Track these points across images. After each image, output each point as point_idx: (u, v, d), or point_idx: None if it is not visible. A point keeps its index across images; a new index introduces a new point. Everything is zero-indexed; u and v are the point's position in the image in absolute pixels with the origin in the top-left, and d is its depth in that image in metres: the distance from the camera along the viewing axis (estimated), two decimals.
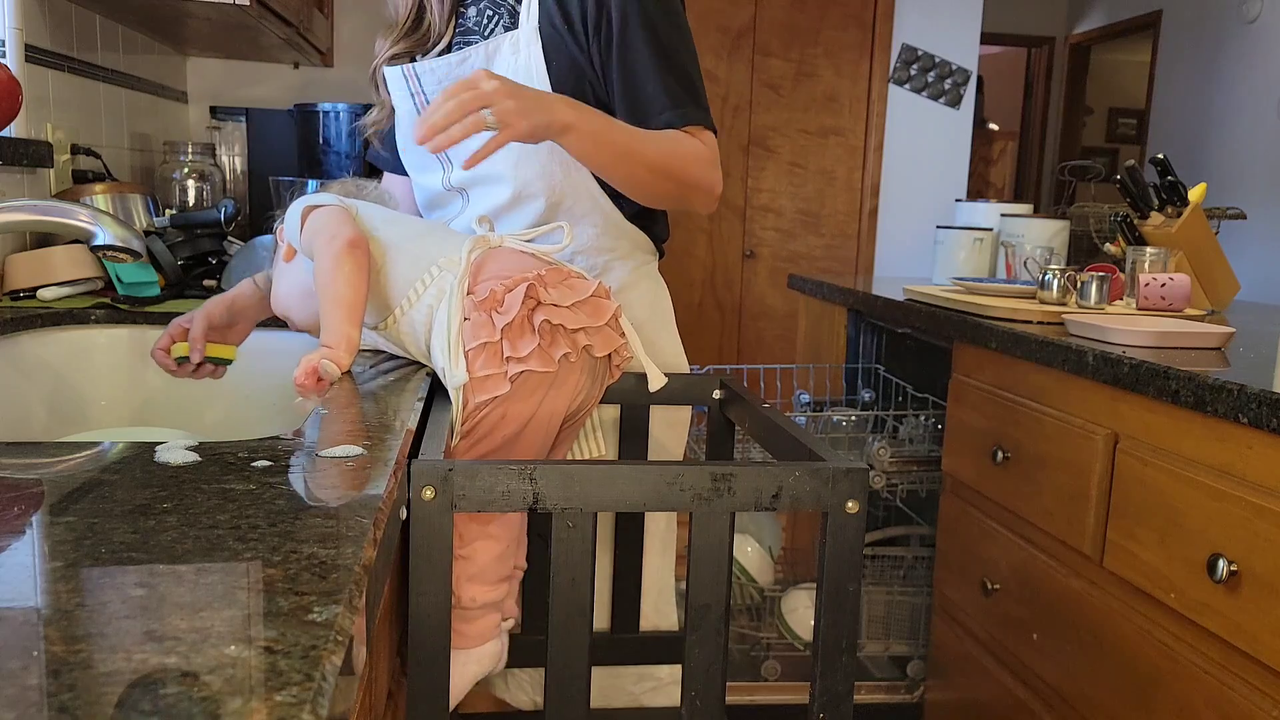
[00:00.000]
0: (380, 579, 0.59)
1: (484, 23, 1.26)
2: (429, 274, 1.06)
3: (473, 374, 0.99)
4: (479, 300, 1.01)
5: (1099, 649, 1.39)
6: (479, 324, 1.00)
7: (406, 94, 1.29)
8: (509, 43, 1.22)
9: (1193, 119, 4.92)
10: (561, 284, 1.04)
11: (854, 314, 2.37)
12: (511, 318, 0.99)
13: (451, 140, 1.00)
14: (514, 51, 1.22)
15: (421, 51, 1.29)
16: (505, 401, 1.00)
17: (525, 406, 1.02)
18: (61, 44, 1.85)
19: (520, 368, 0.99)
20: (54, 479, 0.64)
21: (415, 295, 1.06)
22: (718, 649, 0.87)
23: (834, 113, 3.82)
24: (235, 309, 1.23)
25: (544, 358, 1.00)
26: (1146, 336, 1.45)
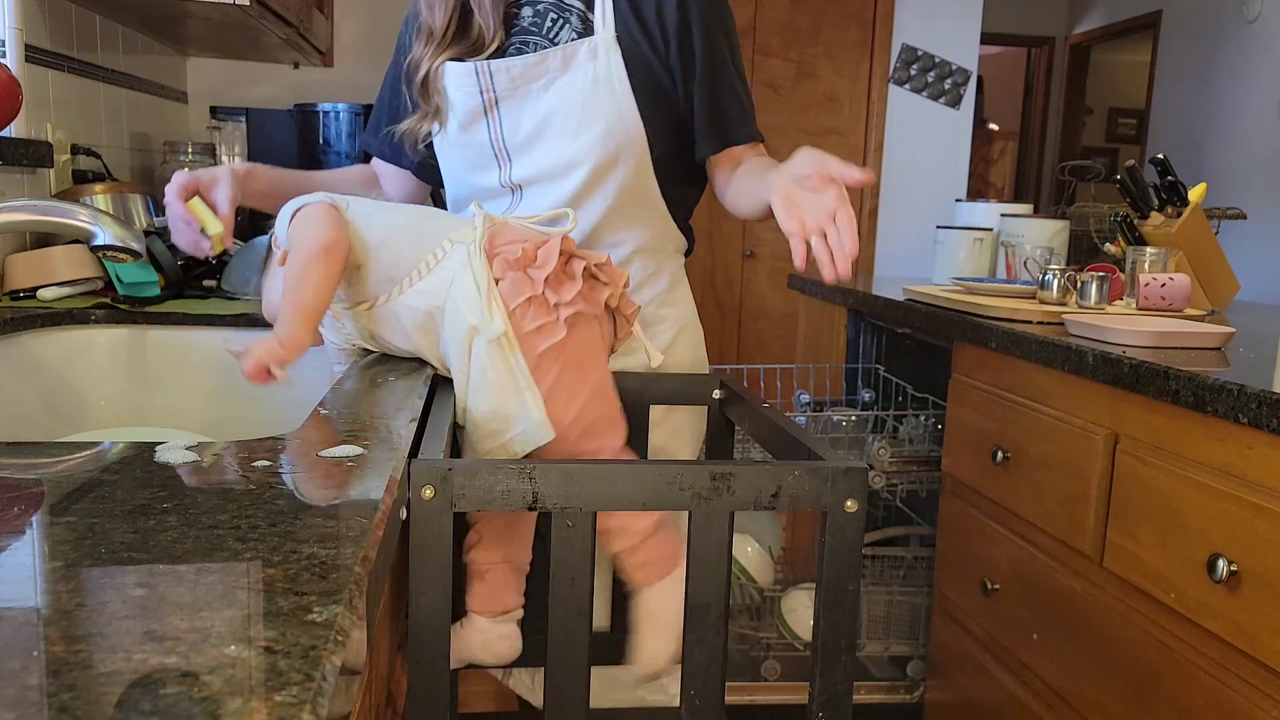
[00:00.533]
0: (380, 579, 0.59)
1: (547, 25, 1.26)
2: (440, 248, 1.06)
3: (521, 330, 1.00)
4: (512, 259, 1.02)
5: (1099, 649, 1.39)
6: (517, 281, 1.01)
7: (475, 91, 1.26)
8: (586, 48, 1.23)
9: (1193, 119, 4.92)
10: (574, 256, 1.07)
11: (854, 314, 2.37)
12: (550, 269, 1.01)
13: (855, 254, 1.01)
14: (591, 58, 1.23)
15: (470, 55, 1.27)
16: (573, 351, 1.02)
17: (588, 348, 1.04)
18: (61, 44, 1.85)
19: (571, 309, 1.01)
20: (54, 479, 0.64)
21: (426, 268, 1.05)
22: (717, 649, 0.87)
23: (834, 113, 3.82)
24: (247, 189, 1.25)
25: (590, 299, 1.03)
26: (1146, 336, 1.45)
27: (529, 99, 1.26)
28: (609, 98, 1.23)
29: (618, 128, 1.24)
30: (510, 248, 1.03)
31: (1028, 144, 6.39)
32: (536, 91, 1.25)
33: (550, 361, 1.01)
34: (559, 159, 1.26)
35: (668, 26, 1.24)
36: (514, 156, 1.29)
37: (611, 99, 1.23)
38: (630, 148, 1.25)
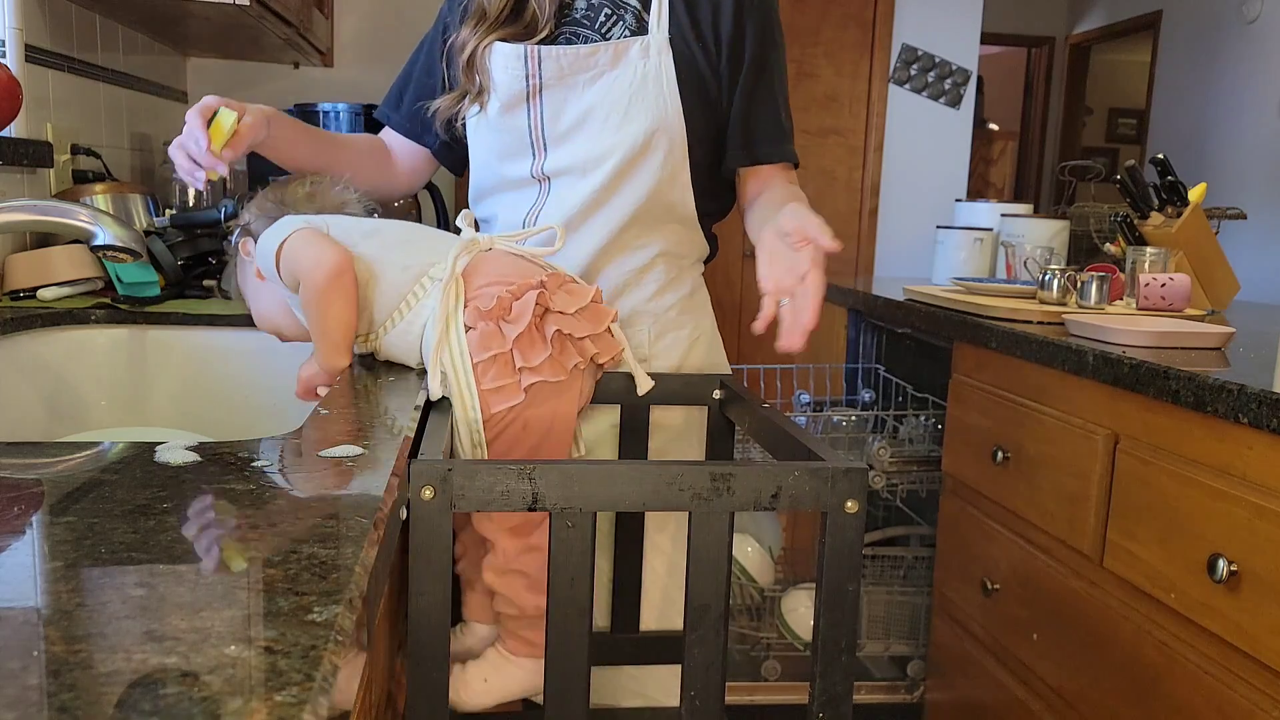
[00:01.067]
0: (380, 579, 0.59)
1: (600, 19, 1.25)
2: (420, 286, 1.04)
3: (483, 386, 0.99)
4: (485, 309, 1.00)
5: (1099, 649, 1.39)
6: (487, 334, 0.99)
7: (521, 75, 1.25)
8: (638, 47, 1.22)
9: (1193, 119, 4.92)
10: (561, 289, 1.05)
11: (854, 314, 2.37)
12: (522, 327, 0.99)
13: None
14: (643, 57, 1.22)
15: (519, 39, 1.25)
16: (523, 410, 1.01)
17: (542, 413, 1.02)
18: (61, 44, 1.85)
19: (534, 378, 0.99)
20: (54, 479, 0.64)
21: (406, 307, 1.04)
22: (717, 649, 0.87)
23: (834, 113, 3.82)
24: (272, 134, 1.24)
25: (556, 367, 1.01)
26: (1146, 336, 1.45)
27: (574, 90, 1.24)
28: (656, 97, 1.22)
29: (660, 128, 1.23)
30: (487, 292, 1.01)
31: (1028, 144, 6.39)
32: (583, 83, 1.24)
33: (502, 421, 1.01)
34: (592, 153, 1.24)
35: (721, 33, 1.25)
36: (550, 147, 1.27)
37: (659, 98, 1.22)
38: (671, 150, 1.24)
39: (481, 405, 0.99)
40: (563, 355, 1.02)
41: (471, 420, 1.00)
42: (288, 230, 1.04)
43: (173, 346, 1.47)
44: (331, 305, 1.01)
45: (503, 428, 1.01)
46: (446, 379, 1.00)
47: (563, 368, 1.01)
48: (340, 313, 1.02)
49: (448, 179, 3.60)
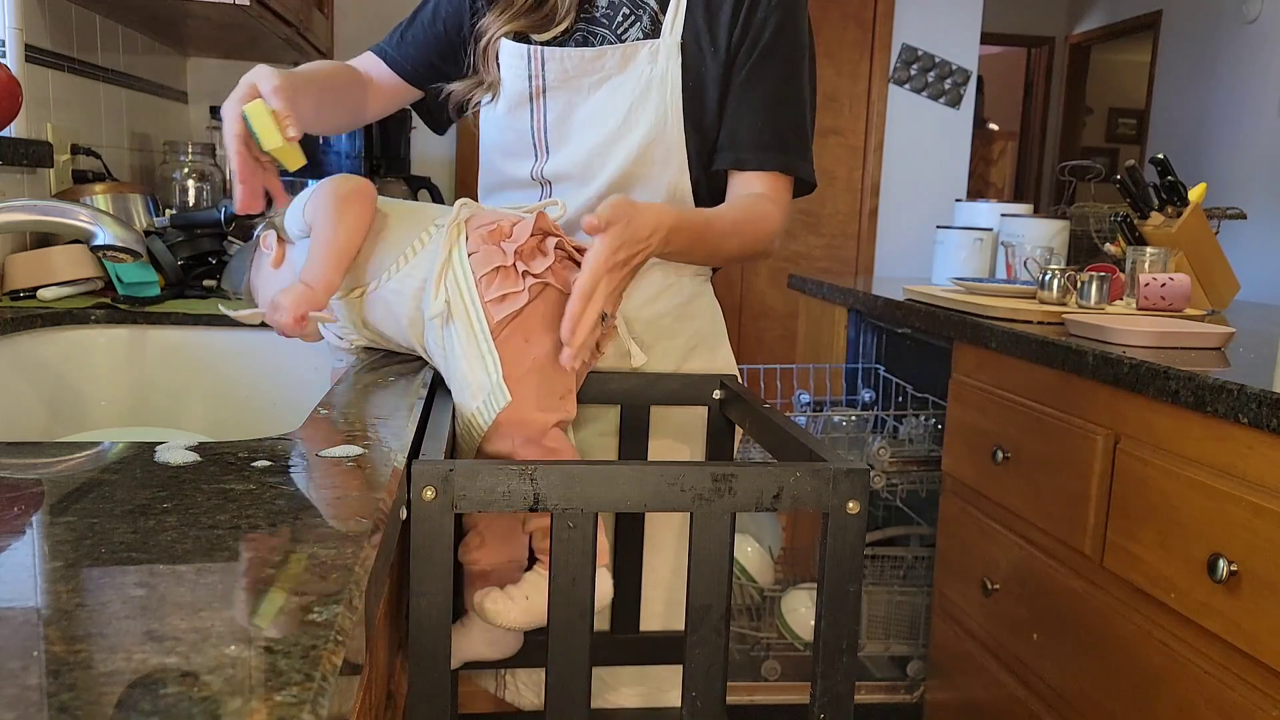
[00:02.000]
0: (380, 579, 0.59)
1: (618, 20, 1.23)
2: (426, 232, 1.05)
3: (484, 298, 0.99)
4: (486, 234, 1.01)
5: (1099, 649, 1.39)
6: (488, 253, 1.00)
7: (524, 75, 1.24)
8: (647, 50, 1.20)
9: (1193, 119, 4.92)
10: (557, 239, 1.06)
11: (854, 314, 2.37)
12: (522, 242, 1.01)
13: (586, 348, 1.01)
14: (651, 61, 1.20)
15: (537, 31, 1.23)
16: (525, 321, 1.00)
17: (546, 325, 1.01)
18: (61, 44, 1.85)
19: (537, 280, 1.00)
20: (54, 479, 0.64)
21: (411, 252, 1.05)
22: (718, 649, 0.87)
23: (834, 113, 3.82)
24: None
25: (559, 276, 1.01)
26: (1146, 336, 1.45)
27: (579, 93, 1.22)
28: (657, 105, 1.20)
29: (659, 137, 1.20)
30: (487, 224, 1.03)
31: (1028, 144, 6.39)
32: (588, 87, 1.22)
33: (508, 328, 1.00)
34: (593, 159, 1.23)
35: (735, 34, 1.20)
36: (551, 150, 1.25)
37: (660, 106, 1.20)
38: (668, 159, 1.21)
39: (486, 315, 0.99)
40: (565, 270, 1.02)
41: (479, 333, 0.99)
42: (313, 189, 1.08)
43: (173, 346, 1.47)
44: (346, 215, 1.02)
45: (507, 337, 1.00)
46: (450, 301, 1.00)
47: (565, 279, 1.01)
48: (352, 225, 1.02)
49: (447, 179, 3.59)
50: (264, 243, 1.13)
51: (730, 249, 1.19)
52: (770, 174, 1.22)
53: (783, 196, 1.24)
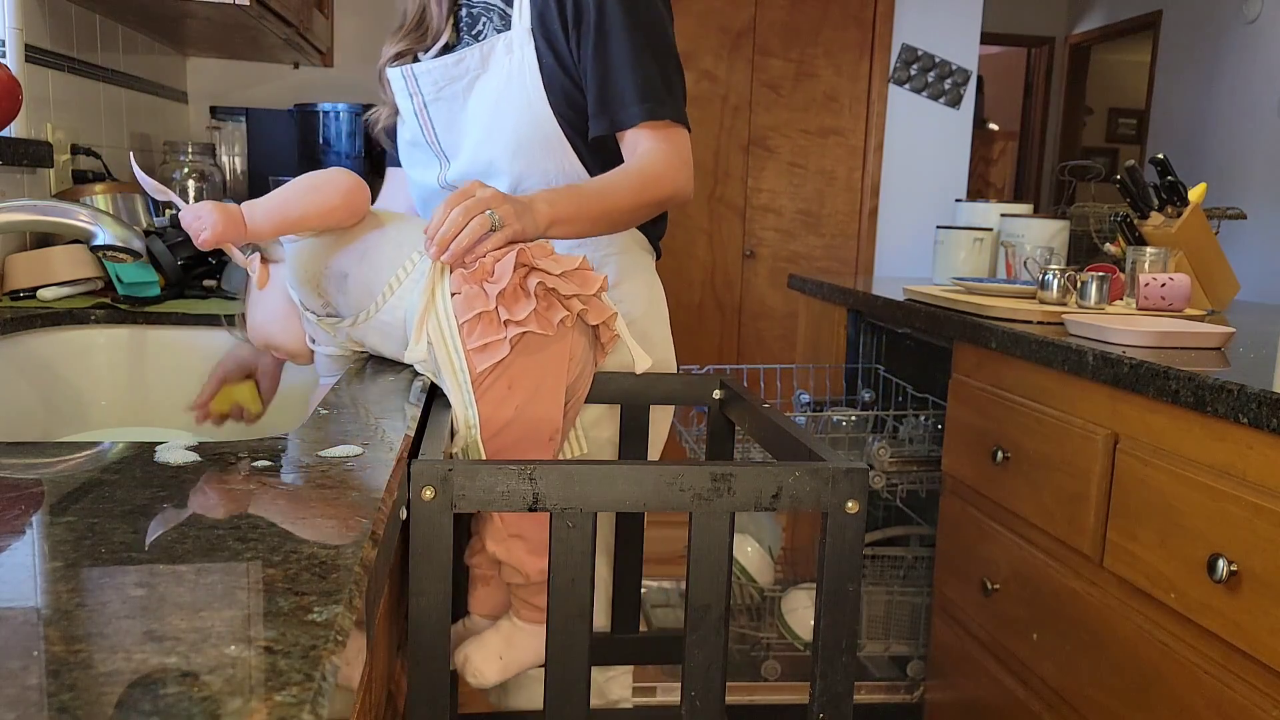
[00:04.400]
0: (380, 579, 0.59)
1: (478, 26, 1.27)
2: (410, 260, 1.05)
3: (469, 345, 0.99)
4: (468, 273, 1.01)
5: (1099, 649, 1.39)
6: (471, 296, 1.00)
7: (406, 94, 1.30)
8: (502, 44, 1.23)
9: (1193, 119, 4.92)
10: (547, 257, 1.05)
11: (854, 314, 2.37)
12: (505, 284, 1.00)
13: (461, 250, 1.01)
14: (507, 52, 1.23)
15: (422, 49, 1.30)
16: (508, 369, 1.00)
17: (528, 368, 1.02)
18: (61, 44, 1.85)
19: (519, 330, 0.99)
20: (54, 479, 0.64)
21: (396, 282, 1.05)
22: (718, 649, 0.87)
23: (834, 113, 3.82)
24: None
25: (542, 320, 1.01)
26: (1146, 336, 1.45)
27: (456, 100, 1.27)
28: (520, 94, 1.22)
29: (528, 125, 1.23)
30: (471, 261, 1.03)
31: (1028, 144, 6.39)
32: (461, 93, 1.26)
33: (490, 378, 1.01)
34: (482, 159, 1.26)
35: (567, 8, 1.21)
36: (450, 157, 1.30)
37: (523, 95, 1.22)
38: (547, 144, 1.24)
39: (469, 365, 0.99)
40: (549, 310, 1.02)
41: (461, 382, 0.99)
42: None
43: (173, 346, 1.47)
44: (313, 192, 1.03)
45: (489, 386, 1.00)
46: (433, 345, 1.00)
47: (549, 322, 1.01)
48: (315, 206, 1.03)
49: None
50: (249, 265, 1.13)
51: (622, 200, 1.19)
52: (646, 127, 1.23)
53: (669, 141, 1.23)
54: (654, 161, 1.21)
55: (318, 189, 1.04)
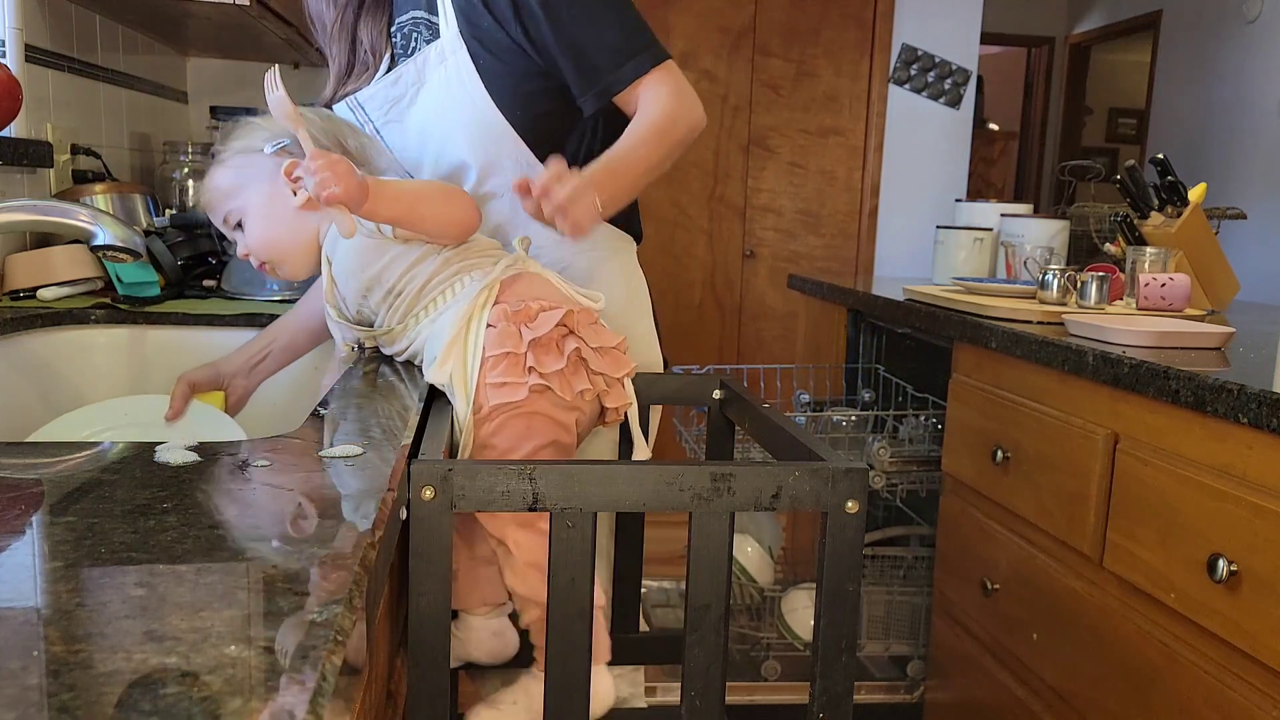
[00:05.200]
0: (380, 579, 0.59)
1: (411, 43, 1.27)
2: (459, 281, 1.05)
3: (488, 379, 0.99)
4: (512, 310, 1.01)
5: (1099, 649, 1.39)
6: (506, 333, 1.00)
7: (359, 123, 1.30)
8: (435, 53, 1.22)
9: (1193, 119, 4.92)
10: (591, 326, 1.06)
11: (854, 314, 2.37)
12: (542, 335, 1.00)
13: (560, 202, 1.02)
14: (441, 61, 1.22)
15: (366, 82, 1.29)
16: (511, 414, 1.01)
17: (532, 426, 1.02)
18: (61, 44, 1.85)
19: (541, 382, 0.99)
20: (54, 479, 0.64)
21: (442, 299, 1.05)
22: (718, 649, 0.87)
23: (834, 113, 3.82)
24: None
25: (564, 383, 1.01)
26: (1146, 336, 1.45)
27: (403, 119, 1.26)
28: (463, 98, 1.21)
29: (478, 126, 1.22)
30: (518, 299, 1.03)
31: (1028, 144, 6.39)
32: (405, 110, 1.26)
33: (499, 416, 1.01)
34: (444, 170, 1.26)
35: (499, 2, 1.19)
36: (416, 174, 1.30)
37: (465, 98, 1.21)
38: (501, 144, 1.23)
39: (479, 398, 0.99)
40: (574, 375, 1.02)
41: (462, 413, 1.00)
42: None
43: (173, 346, 1.47)
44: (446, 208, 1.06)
45: (491, 429, 1.01)
46: (453, 375, 1.00)
47: (570, 387, 1.01)
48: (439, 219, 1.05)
49: None
50: (287, 173, 1.03)
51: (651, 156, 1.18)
52: (639, 81, 1.21)
53: (664, 82, 1.22)
54: (661, 108, 1.20)
55: (450, 202, 1.06)
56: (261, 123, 1.13)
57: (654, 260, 3.82)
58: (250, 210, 1.11)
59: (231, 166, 1.12)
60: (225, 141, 1.14)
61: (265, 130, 1.12)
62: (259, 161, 1.10)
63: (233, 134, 1.14)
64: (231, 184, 1.12)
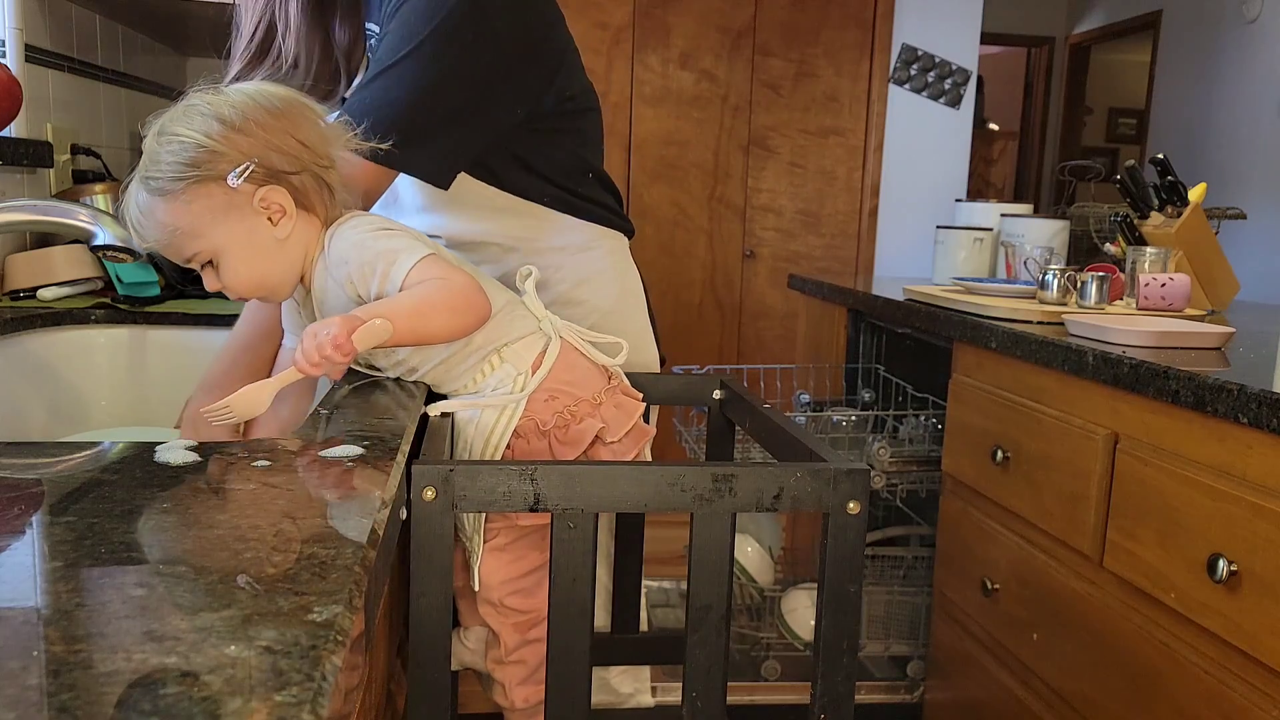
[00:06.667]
0: (380, 579, 0.59)
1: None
2: (489, 364, 1.01)
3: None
4: (545, 427, 1.01)
5: (1099, 649, 1.39)
6: (537, 449, 1.01)
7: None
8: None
9: (1193, 119, 4.92)
10: (617, 406, 1.05)
11: (854, 314, 2.37)
12: (578, 454, 1.02)
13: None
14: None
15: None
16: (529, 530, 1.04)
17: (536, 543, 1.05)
18: (61, 44, 1.84)
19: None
20: (54, 479, 0.64)
21: (473, 383, 1.01)
22: (719, 649, 0.87)
23: (834, 113, 3.82)
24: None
25: None
26: (1146, 336, 1.45)
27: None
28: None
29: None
30: (549, 405, 1.01)
31: (1028, 144, 6.39)
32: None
33: (514, 529, 1.03)
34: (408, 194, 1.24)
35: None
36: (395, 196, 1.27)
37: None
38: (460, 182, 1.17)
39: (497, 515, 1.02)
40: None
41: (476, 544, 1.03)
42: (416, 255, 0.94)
43: (173, 346, 1.47)
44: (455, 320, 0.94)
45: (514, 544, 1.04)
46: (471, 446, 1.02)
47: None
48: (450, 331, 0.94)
49: None
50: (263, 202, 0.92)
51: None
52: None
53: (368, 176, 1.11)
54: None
55: (455, 312, 0.94)
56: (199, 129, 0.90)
57: (654, 260, 3.83)
58: (225, 249, 0.94)
59: (182, 200, 0.90)
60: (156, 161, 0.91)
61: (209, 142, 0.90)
62: (218, 193, 0.91)
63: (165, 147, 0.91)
64: (189, 221, 0.91)
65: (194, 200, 0.90)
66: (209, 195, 0.90)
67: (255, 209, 0.92)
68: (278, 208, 0.93)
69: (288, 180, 0.93)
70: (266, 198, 0.92)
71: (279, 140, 0.92)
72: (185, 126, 0.90)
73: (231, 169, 0.90)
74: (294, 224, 0.94)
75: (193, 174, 0.90)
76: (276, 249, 0.95)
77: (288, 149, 0.92)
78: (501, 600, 1.05)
